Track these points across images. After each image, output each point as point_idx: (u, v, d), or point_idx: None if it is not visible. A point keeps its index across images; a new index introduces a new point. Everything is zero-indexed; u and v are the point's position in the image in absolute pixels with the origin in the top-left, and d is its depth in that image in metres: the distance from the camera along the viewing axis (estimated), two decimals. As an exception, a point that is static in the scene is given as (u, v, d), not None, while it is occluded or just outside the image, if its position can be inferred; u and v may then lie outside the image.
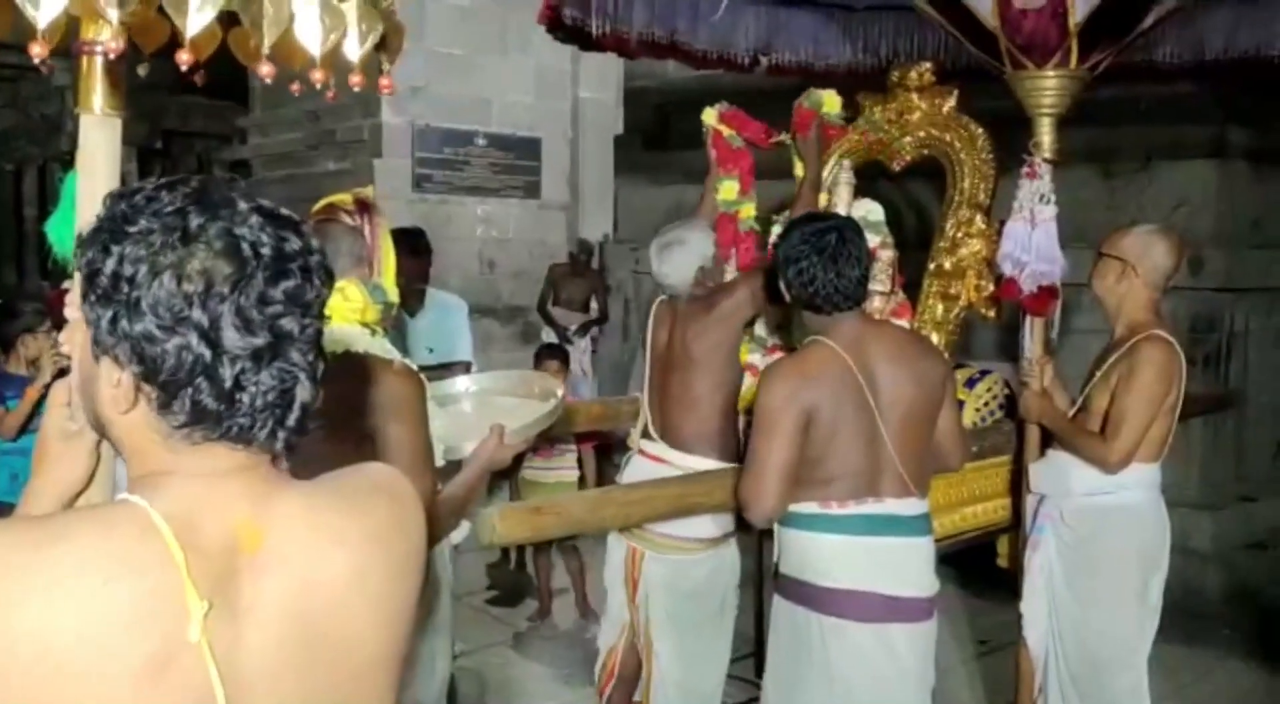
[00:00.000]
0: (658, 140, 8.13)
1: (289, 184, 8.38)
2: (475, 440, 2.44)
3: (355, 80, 1.32)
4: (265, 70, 1.12)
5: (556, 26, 3.75)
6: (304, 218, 2.33)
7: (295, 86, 1.51)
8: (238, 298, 0.99)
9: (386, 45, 1.27)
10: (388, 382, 2.17)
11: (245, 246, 1.00)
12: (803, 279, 2.59)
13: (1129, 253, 3.12)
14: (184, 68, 1.24)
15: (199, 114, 11.94)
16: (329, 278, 1.09)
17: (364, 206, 2.37)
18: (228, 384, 1.00)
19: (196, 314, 0.98)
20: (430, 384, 2.88)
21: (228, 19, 1.15)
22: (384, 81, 1.33)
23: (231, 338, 0.99)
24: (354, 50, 1.24)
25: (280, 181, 8.75)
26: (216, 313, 0.98)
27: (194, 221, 1.00)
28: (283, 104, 8.88)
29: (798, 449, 2.54)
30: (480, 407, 2.90)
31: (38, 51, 1.27)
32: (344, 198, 2.39)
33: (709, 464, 3.19)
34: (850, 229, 2.67)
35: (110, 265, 0.99)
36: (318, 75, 1.19)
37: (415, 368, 2.27)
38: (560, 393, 2.79)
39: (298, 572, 1.05)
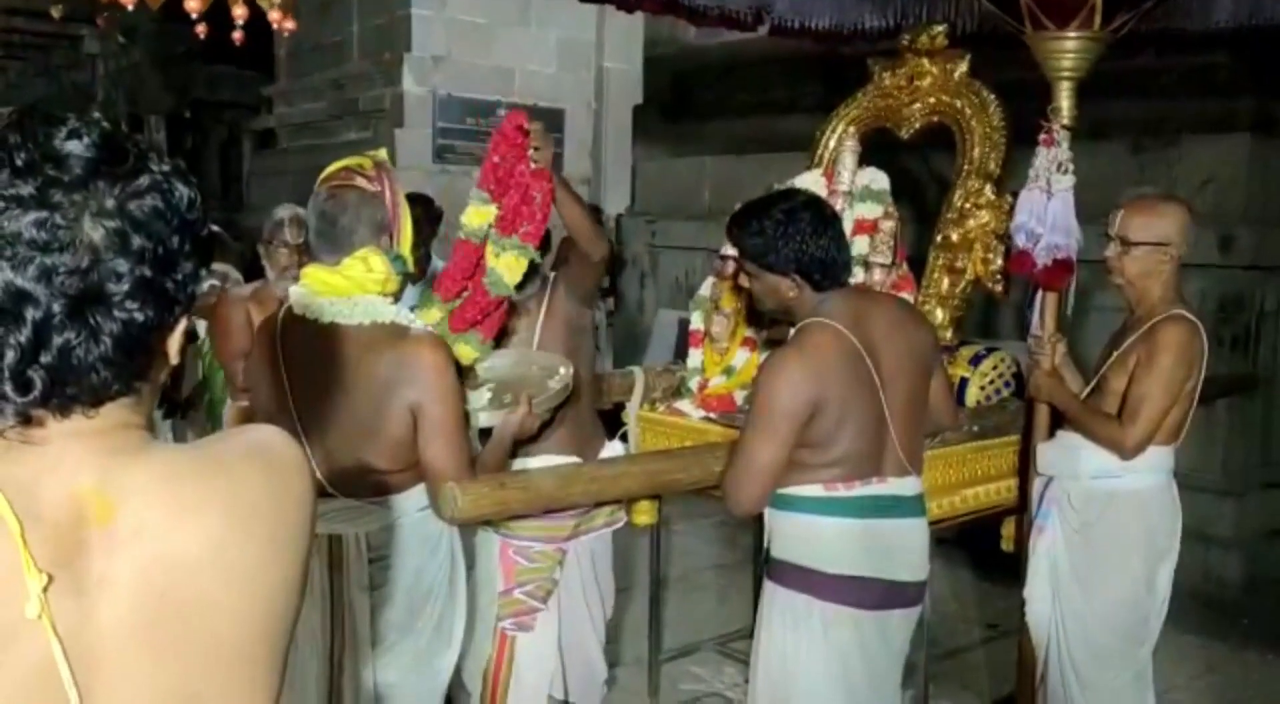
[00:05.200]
0: (676, 110, 8.01)
1: (312, 153, 8.37)
2: (485, 412, 2.54)
3: (274, 17, 1.23)
4: (126, -4, 1.03)
5: (555, -23, 3.62)
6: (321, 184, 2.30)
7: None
8: None
9: (278, -24, 1.16)
10: (417, 351, 2.22)
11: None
12: (807, 254, 2.47)
13: (1171, 236, 2.93)
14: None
15: (227, 83, 11.95)
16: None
17: (383, 171, 2.32)
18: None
19: None
20: None
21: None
22: (274, 15, 1.23)
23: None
24: (237, -21, 1.14)
25: (304, 151, 8.74)
26: None
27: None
28: (307, 73, 8.86)
29: (791, 446, 2.45)
30: (484, 382, 2.91)
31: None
32: (362, 161, 2.34)
33: None
34: (819, 200, 2.59)
35: None
36: (193, 4, 1.09)
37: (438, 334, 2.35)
38: (565, 369, 2.81)
39: (153, 544, 0.96)
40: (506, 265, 2.75)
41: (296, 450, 1.11)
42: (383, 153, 2.39)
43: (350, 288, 2.24)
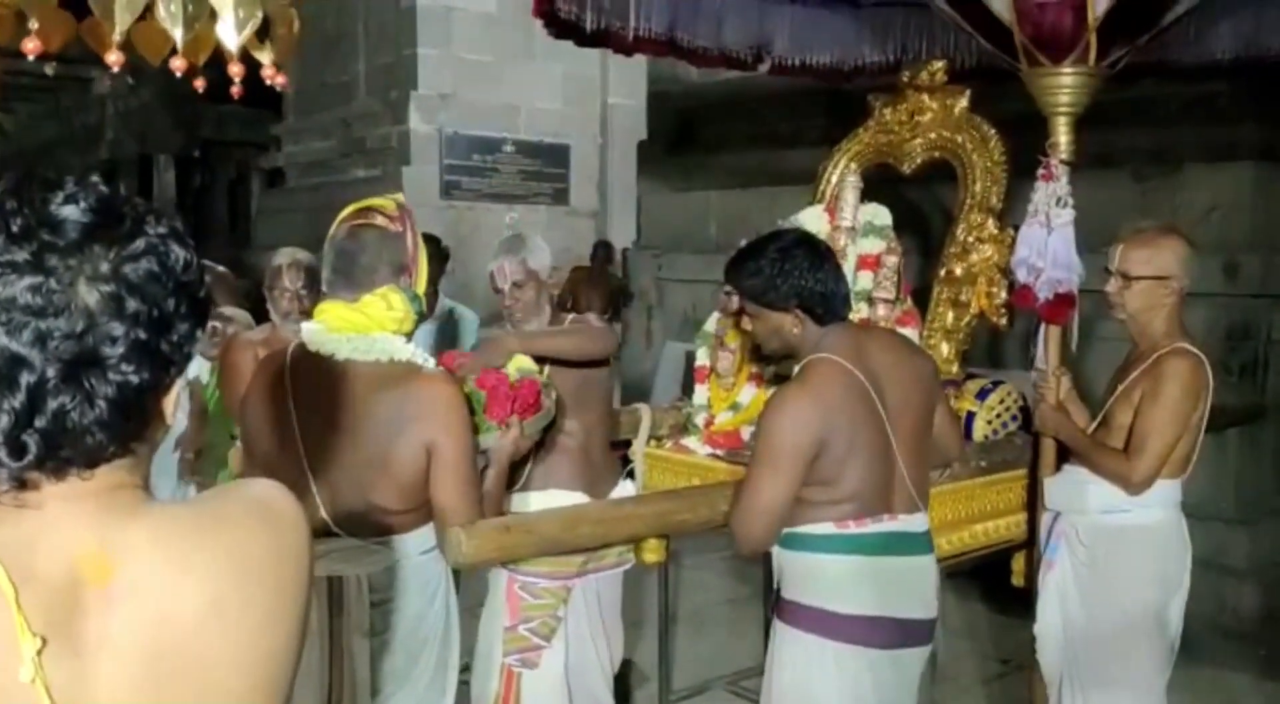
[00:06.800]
0: (681, 144, 8.06)
1: (321, 191, 8.42)
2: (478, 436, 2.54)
3: (267, 73, 1.24)
4: (114, 59, 1.04)
5: (552, 22, 3.64)
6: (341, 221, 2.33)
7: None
8: None
9: (271, 34, 1.17)
10: (431, 388, 2.25)
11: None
12: (807, 288, 2.47)
13: (1172, 269, 2.92)
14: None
15: (236, 123, 12.05)
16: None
17: (404, 212, 2.37)
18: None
19: None
20: None
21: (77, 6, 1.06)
22: (266, 71, 1.24)
23: None
24: (230, 37, 1.15)
25: (312, 189, 8.80)
26: None
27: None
28: (315, 112, 8.93)
29: (798, 484, 2.43)
30: None
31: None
32: (384, 203, 2.37)
33: None
34: (812, 237, 2.63)
35: None
36: (177, 63, 1.11)
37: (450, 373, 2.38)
38: (550, 392, 2.81)
39: (150, 604, 0.96)
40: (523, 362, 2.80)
41: (294, 503, 1.11)
42: (401, 196, 2.44)
43: (369, 325, 2.25)
